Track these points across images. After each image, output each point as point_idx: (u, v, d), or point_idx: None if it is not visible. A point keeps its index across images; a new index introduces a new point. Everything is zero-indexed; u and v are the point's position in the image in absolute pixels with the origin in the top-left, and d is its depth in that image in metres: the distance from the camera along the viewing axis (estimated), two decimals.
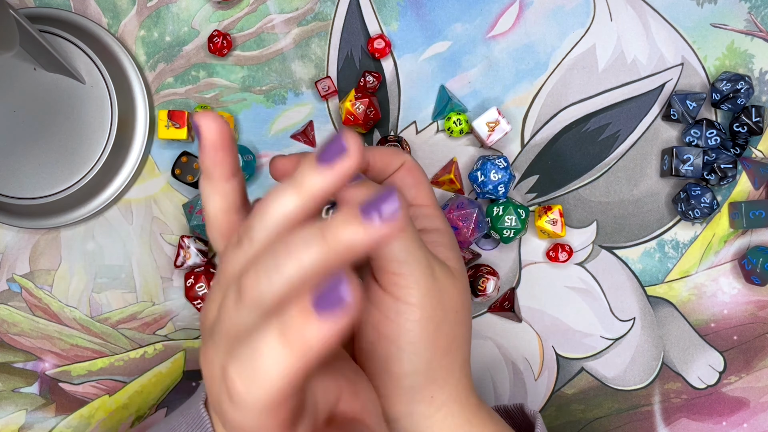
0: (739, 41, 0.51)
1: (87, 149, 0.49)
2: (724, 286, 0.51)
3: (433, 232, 0.37)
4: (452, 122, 0.50)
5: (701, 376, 0.52)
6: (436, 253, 0.35)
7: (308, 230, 0.26)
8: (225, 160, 0.30)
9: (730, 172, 0.49)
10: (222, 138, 0.30)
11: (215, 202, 0.31)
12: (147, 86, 0.51)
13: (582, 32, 0.51)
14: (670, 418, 0.52)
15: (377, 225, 0.25)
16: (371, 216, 0.25)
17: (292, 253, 0.25)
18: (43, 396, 0.52)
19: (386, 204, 0.25)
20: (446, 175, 0.51)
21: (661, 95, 0.51)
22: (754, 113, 0.49)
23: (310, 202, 0.27)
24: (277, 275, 0.26)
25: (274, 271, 0.26)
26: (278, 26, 0.51)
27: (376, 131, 0.52)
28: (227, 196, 0.31)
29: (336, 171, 0.27)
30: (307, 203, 0.27)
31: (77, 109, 0.49)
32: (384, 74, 0.51)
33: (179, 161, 0.50)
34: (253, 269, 0.26)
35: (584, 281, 0.52)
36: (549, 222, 0.49)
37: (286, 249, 0.26)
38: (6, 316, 0.52)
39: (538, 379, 0.52)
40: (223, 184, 0.31)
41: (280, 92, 0.52)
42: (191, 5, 0.51)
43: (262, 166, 0.52)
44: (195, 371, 0.52)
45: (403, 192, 0.36)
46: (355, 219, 0.25)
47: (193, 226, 0.49)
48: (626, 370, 0.52)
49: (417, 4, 0.51)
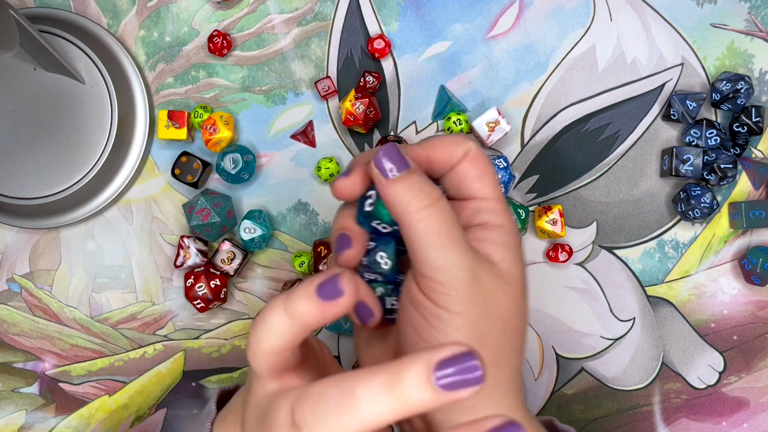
0: (739, 41, 0.51)
1: (87, 149, 0.49)
2: (724, 286, 0.51)
3: (492, 229, 0.33)
4: (452, 122, 0.50)
5: (701, 376, 0.52)
6: (489, 253, 0.32)
7: (376, 382, 0.24)
8: (347, 304, 0.28)
9: (730, 172, 0.49)
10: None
11: (282, 328, 0.28)
12: (147, 86, 0.51)
13: (582, 32, 0.51)
14: (670, 418, 0.52)
15: (452, 389, 0.23)
16: (445, 377, 0.23)
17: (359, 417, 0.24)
18: (43, 396, 0.52)
19: (466, 367, 0.23)
20: None
21: (661, 95, 0.51)
22: (754, 113, 0.49)
23: (299, 329, 0.27)
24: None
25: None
26: (278, 26, 0.51)
27: (376, 131, 0.52)
28: (306, 329, 0.28)
29: (328, 309, 0.27)
30: (296, 330, 0.27)
31: (77, 109, 0.49)
32: (384, 74, 0.51)
33: (179, 161, 0.50)
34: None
35: (584, 281, 0.52)
36: (549, 222, 0.49)
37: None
38: (6, 316, 0.52)
39: (538, 379, 0.52)
40: (323, 316, 0.28)
41: (280, 92, 0.52)
42: (191, 5, 0.51)
43: (262, 166, 0.52)
44: (195, 371, 0.52)
45: (466, 184, 0.34)
46: (427, 383, 0.24)
47: (193, 226, 0.49)
48: (626, 370, 0.52)
49: (417, 4, 0.51)
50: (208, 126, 0.49)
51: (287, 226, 0.52)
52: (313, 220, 0.52)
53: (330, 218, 0.52)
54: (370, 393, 0.24)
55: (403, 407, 0.24)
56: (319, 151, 0.52)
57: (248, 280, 0.52)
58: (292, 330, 0.27)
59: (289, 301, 0.27)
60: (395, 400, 0.24)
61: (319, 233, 0.52)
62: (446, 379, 0.23)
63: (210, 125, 0.49)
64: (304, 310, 0.27)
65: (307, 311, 0.27)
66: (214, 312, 0.52)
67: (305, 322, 0.27)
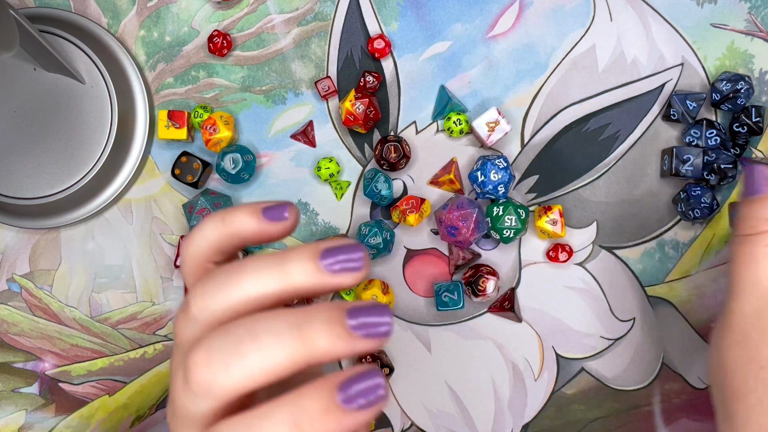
0: (739, 41, 0.51)
1: (87, 149, 0.49)
2: (724, 286, 0.51)
3: None
4: (452, 122, 0.50)
5: (701, 376, 0.52)
6: None
7: (282, 320, 0.24)
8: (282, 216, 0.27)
9: (730, 172, 0.49)
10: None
11: (215, 232, 0.27)
12: (147, 86, 0.51)
13: (582, 32, 0.51)
14: (670, 418, 0.52)
15: (361, 338, 0.23)
16: (359, 329, 0.24)
17: (259, 345, 0.23)
18: (43, 396, 0.52)
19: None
20: (446, 175, 0.51)
21: (661, 95, 0.51)
22: (754, 113, 0.49)
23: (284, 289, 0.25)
24: (236, 366, 0.23)
25: (233, 361, 0.23)
26: (278, 26, 0.51)
27: (376, 131, 0.52)
28: (231, 237, 0.27)
29: (266, 227, 0.26)
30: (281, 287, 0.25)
31: (77, 109, 0.49)
32: (384, 74, 0.51)
33: (179, 161, 0.50)
34: (204, 353, 0.24)
35: (584, 281, 0.52)
36: (549, 222, 0.49)
37: (252, 337, 0.23)
38: (6, 316, 0.52)
39: (538, 380, 0.52)
40: (249, 223, 0.27)
41: (280, 92, 0.52)
42: (191, 5, 0.52)
43: (262, 166, 0.52)
44: None
45: None
46: (340, 326, 0.24)
47: (192, 226, 0.49)
48: (626, 370, 0.52)
49: (417, 4, 0.51)
50: (208, 126, 0.49)
51: None
52: (313, 220, 0.52)
53: (330, 218, 0.52)
54: (258, 269, 0.25)
55: (286, 284, 0.25)
56: (319, 151, 0.52)
57: None
58: (223, 234, 0.27)
59: (230, 212, 0.27)
60: (280, 278, 0.25)
61: (319, 233, 0.52)
62: (330, 262, 0.25)
63: (210, 125, 0.49)
64: (243, 221, 0.27)
65: (246, 223, 0.27)
66: None
67: (239, 230, 0.27)
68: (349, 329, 0.24)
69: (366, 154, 0.52)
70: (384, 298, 0.49)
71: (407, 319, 0.52)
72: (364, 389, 0.23)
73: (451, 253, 0.51)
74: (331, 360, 0.24)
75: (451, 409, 0.52)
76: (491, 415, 0.52)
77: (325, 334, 0.23)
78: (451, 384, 0.52)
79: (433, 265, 0.52)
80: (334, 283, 0.25)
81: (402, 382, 0.52)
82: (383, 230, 0.49)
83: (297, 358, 0.23)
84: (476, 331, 0.52)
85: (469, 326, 0.52)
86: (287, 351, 0.23)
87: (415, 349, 0.52)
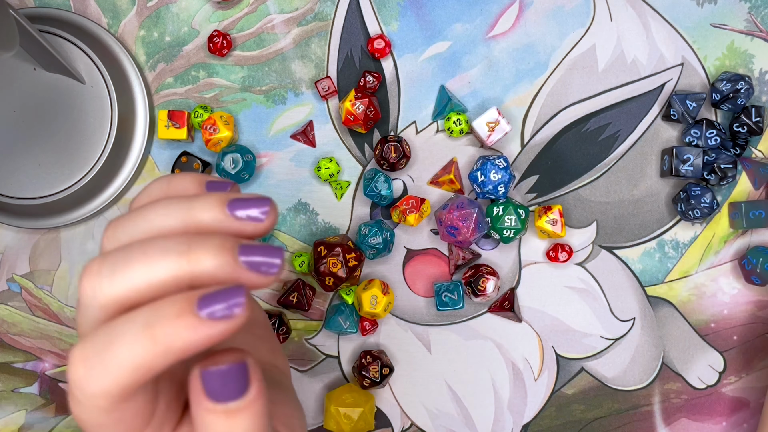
0: (739, 41, 0.51)
1: (87, 149, 0.49)
2: (724, 286, 0.51)
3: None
4: (452, 122, 0.50)
5: (701, 376, 0.52)
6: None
7: (174, 239, 0.24)
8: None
9: (730, 172, 0.49)
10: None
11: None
12: (147, 86, 0.51)
13: (582, 32, 0.51)
14: (670, 419, 0.52)
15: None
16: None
17: (146, 258, 0.23)
18: (42, 396, 0.52)
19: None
20: (446, 175, 0.51)
21: (661, 95, 0.51)
22: (754, 113, 0.49)
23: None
24: (121, 275, 0.24)
25: (119, 270, 0.24)
26: (278, 26, 0.51)
27: (376, 131, 0.52)
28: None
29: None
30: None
31: (77, 109, 0.49)
32: (384, 74, 0.51)
33: (179, 161, 0.50)
34: (97, 263, 0.24)
35: (584, 281, 0.52)
36: (549, 222, 0.49)
37: (142, 251, 0.24)
38: (6, 316, 0.52)
39: (538, 379, 0.52)
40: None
41: (280, 92, 0.52)
42: (191, 5, 0.51)
43: (262, 166, 0.52)
44: None
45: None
46: (230, 254, 0.24)
47: None
48: (626, 370, 0.52)
49: (417, 4, 0.51)
50: (208, 126, 0.49)
51: (287, 226, 0.52)
52: (313, 220, 0.52)
53: (330, 218, 0.52)
54: (167, 206, 0.25)
55: (190, 221, 0.25)
56: (319, 151, 0.52)
57: None
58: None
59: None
60: (187, 217, 0.25)
61: (319, 233, 0.52)
62: (238, 212, 0.25)
63: (210, 125, 0.49)
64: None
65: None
66: None
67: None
68: (238, 260, 0.24)
69: (366, 154, 0.52)
70: (384, 298, 0.49)
71: (407, 319, 0.52)
72: (223, 301, 0.23)
73: (451, 253, 0.51)
74: (213, 282, 0.24)
75: (451, 409, 0.52)
76: (491, 415, 0.52)
77: (212, 258, 0.23)
78: (451, 384, 0.52)
79: (433, 265, 0.52)
80: (236, 227, 0.25)
81: (402, 382, 0.52)
82: (383, 230, 0.49)
83: (180, 274, 0.23)
84: (476, 331, 0.52)
85: (469, 326, 0.52)
86: (171, 267, 0.23)
87: (415, 349, 0.52)
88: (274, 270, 0.24)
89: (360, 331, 0.52)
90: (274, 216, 0.25)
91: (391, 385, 0.52)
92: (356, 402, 0.50)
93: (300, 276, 0.52)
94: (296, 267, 0.51)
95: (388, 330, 0.52)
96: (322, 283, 0.48)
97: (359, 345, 0.52)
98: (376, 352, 0.51)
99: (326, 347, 0.52)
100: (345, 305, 0.51)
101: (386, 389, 0.52)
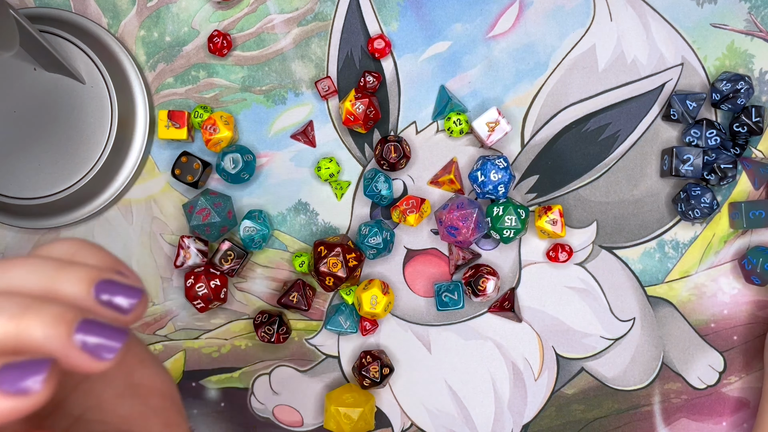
0: (739, 41, 0.51)
1: (87, 149, 0.49)
2: (724, 286, 0.51)
3: None
4: (452, 122, 0.50)
5: (701, 376, 0.52)
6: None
7: (16, 300, 0.22)
8: None
9: (730, 172, 0.49)
10: None
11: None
12: (147, 86, 0.51)
13: (582, 32, 0.51)
14: (670, 418, 0.52)
15: (80, 351, 0.22)
16: (83, 344, 0.22)
17: None
18: None
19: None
20: (446, 175, 0.51)
21: (661, 95, 0.51)
22: (754, 113, 0.49)
23: None
24: None
25: None
26: (278, 26, 0.51)
27: (376, 131, 0.52)
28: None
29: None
30: None
31: (77, 109, 0.49)
32: (384, 74, 0.51)
33: (179, 161, 0.50)
34: None
35: (584, 281, 0.52)
36: (549, 222, 0.49)
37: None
38: None
39: (538, 380, 0.52)
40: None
41: (280, 92, 0.52)
42: (191, 5, 0.52)
43: (262, 166, 0.52)
44: (195, 371, 0.52)
45: None
46: (64, 329, 0.22)
47: (193, 226, 0.49)
48: (626, 370, 0.52)
49: (417, 4, 0.51)
50: (208, 126, 0.49)
51: (287, 226, 0.52)
52: (313, 220, 0.52)
53: (330, 218, 0.52)
54: (34, 268, 0.23)
55: (49, 291, 0.23)
56: (319, 151, 0.52)
57: (248, 280, 0.52)
58: None
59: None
60: (48, 285, 0.23)
61: (319, 233, 0.52)
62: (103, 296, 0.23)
63: (210, 125, 0.49)
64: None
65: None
66: (214, 312, 0.52)
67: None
68: (72, 336, 0.22)
69: (366, 154, 0.52)
70: (384, 298, 0.49)
71: (407, 319, 0.52)
72: (17, 375, 0.21)
73: (451, 253, 0.51)
74: (42, 353, 0.22)
75: (451, 409, 0.52)
76: (491, 415, 0.52)
77: (43, 328, 0.22)
78: (451, 384, 0.52)
79: (433, 265, 0.52)
80: (95, 310, 0.23)
81: (402, 382, 0.52)
82: (383, 230, 0.49)
83: (3, 338, 0.22)
84: (476, 331, 0.52)
85: (469, 326, 0.52)
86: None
87: (415, 349, 0.52)
88: (109, 356, 0.22)
89: (360, 331, 0.52)
90: (142, 310, 0.24)
91: (391, 385, 0.52)
92: (356, 402, 0.50)
93: (300, 276, 0.52)
94: (296, 267, 0.51)
95: (388, 330, 0.52)
96: (322, 283, 0.48)
97: (359, 345, 0.52)
98: (376, 352, 0.51)
99: (326, 347, 0.52)
100: (345, 305, 0.51)
101: (386, 389, 0.52)
